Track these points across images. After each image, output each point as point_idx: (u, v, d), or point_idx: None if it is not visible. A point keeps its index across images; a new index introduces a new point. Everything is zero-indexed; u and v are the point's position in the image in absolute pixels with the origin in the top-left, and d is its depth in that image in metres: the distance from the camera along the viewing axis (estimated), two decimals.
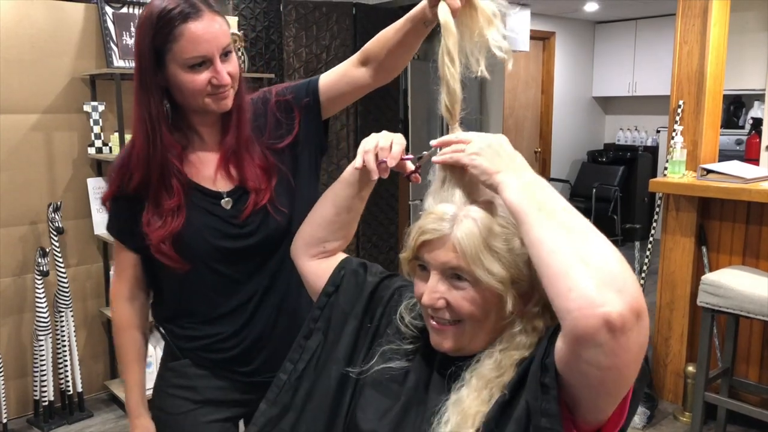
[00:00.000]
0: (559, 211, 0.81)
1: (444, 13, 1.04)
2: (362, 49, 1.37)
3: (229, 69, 1.25)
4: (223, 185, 1.34)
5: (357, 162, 1.07)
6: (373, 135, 1.07)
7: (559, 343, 0.78)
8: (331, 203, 1.17)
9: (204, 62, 1.22)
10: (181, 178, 1.29)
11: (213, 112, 1.29)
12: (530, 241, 0.80)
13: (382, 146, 1.05)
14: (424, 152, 1.05)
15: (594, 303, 0.70)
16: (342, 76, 1.39)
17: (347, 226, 1.18)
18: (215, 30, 1.22)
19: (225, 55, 1.24)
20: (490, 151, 0.90)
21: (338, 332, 1.09)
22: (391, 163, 1.04)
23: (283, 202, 1.35)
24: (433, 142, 1.00)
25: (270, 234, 1.35)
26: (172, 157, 1.27)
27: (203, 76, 1.22)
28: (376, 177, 1.06)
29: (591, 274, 0.72)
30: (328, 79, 1.39)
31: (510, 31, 1.04)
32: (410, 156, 1.06)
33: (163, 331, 1.45)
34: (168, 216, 1.28)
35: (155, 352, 3.02)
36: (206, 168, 1.34)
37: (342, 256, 1.20)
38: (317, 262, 1.19)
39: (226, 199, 1.33)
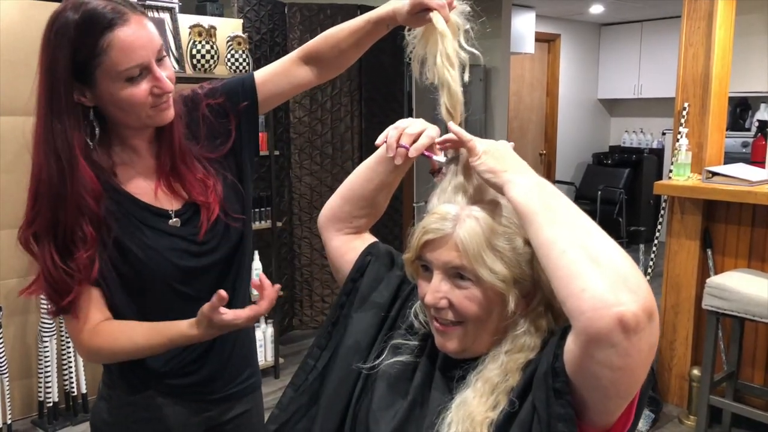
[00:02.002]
0: (567, 212, 0.81)
1: (440, 22, 1.08)
2: (305, 47, 1.33)
3: (167, 73, 1.14)
4: (168, 203, 1.24)
5: (381, 136, 1.03)
6: (411, 119, 1.05)
7: (571, 345, 0.77)
8: (363, 177, 1.13)
9: (141, 72, 1.11)
10: (95, 223, 1.13)
11: (153, 126, 1.20)
12: (540, 241, 0.80)
13: (409, 132, 1.01)
14: (452, 158, 1.01)
15: (608, 303, 0.70)
16: (282, 75, 1.34)
17: (377, 204, 1.15)
18: (147, 33, 1.11)
19: (159, 60, 1.13)
20: (496, 152, 0.91)
21: (362, 322, 1.08)
22: (412, 153, 1.00)
23: (236, 209, 1.29)
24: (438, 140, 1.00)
25: (232, 245, 1.29)
26: (88, 195, 1.11)
27: (143, 87, 1.11)
28: (390, 155, 1.01)
29: (604, 275, 0.72)
30: (265, 76, 1.34)
31: (515, 33, 1.06)
32: (440, 158, 1.02)
33: (118, 367, 1.32)
34: (77, 270, 1.13)
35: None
36: (148, 185, 1.24)
37: (370, 239, 1.18)
38: (343, 237, 1.17)
39: (174, 219, 1.23)
